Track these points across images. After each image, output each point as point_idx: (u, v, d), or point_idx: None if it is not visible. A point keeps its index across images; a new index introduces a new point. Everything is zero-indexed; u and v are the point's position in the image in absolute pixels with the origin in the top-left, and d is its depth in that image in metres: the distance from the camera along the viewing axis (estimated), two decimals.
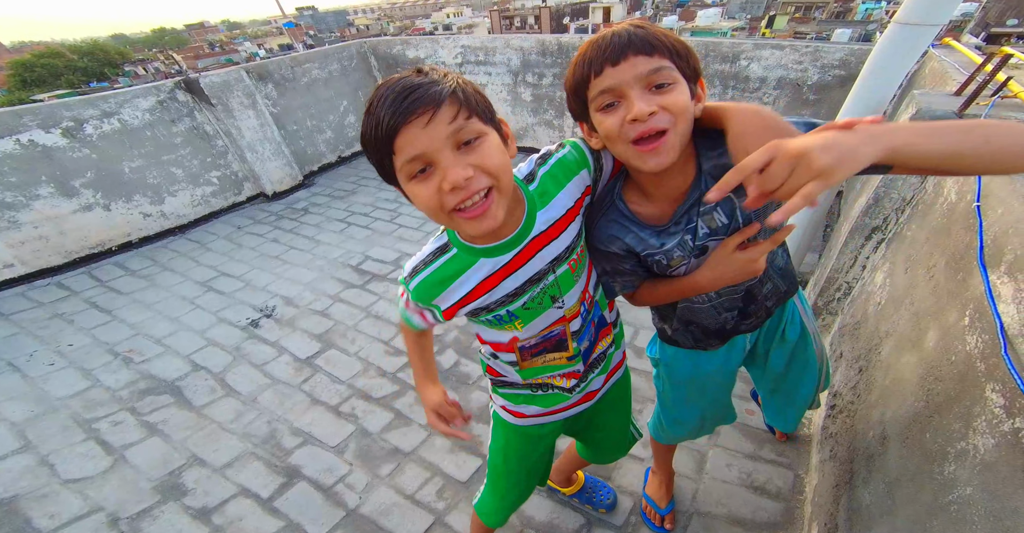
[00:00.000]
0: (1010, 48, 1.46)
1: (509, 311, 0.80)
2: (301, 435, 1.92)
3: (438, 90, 0.57)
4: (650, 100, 0.63)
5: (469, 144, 0.60)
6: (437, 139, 0.57)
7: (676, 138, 0.65)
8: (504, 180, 0.63)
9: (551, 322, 0.85)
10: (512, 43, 4.10)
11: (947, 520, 0.73)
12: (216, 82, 3.52)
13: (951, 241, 1.09)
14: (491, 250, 0.75)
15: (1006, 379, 0.68)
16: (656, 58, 0.63)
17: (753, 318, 0.97)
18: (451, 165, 0.58)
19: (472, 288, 0.77)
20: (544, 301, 0.82)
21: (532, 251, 0.76)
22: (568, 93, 0.73)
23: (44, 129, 2.97)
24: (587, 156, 0.80)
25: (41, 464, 1.87)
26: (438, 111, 0.56)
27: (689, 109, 0.66)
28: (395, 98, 0.56)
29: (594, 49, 0.65)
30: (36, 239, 3.07)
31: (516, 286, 0.78)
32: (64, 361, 2.42)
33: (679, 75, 0.65)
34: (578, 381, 0.96)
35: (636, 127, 0.63)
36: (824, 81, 2.96)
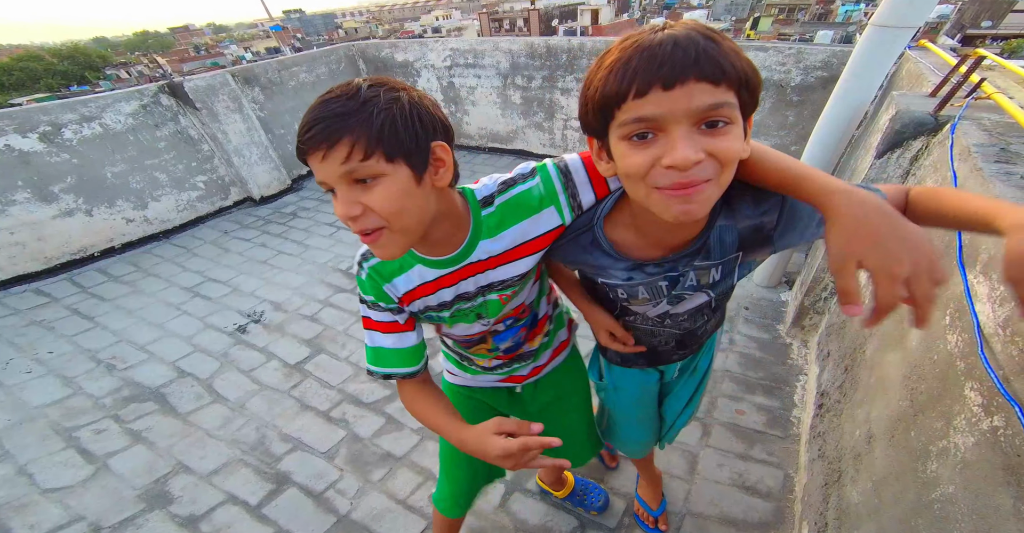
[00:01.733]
0: (984, 50, 1.50)
1: (440, 316, 0.82)
2: (291, 441, 1.89)
3: (340, 128, 0.54)
4: (697, 144, 0.48)
5: (365, 183, 0.57)
6: (332, 173, 0.57)
7: (716, 191, 0.52)
8: (398, 223, 0.60)
9: (473, 332, 0.88)
10: (501, 46, 4.10)
11: (931, 518, 0.74)
12: (201, 86, 3.48)
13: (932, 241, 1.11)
14: (426, 260, 0.75)
15: (984, 378, 0.69)
16: (722, 89, 0.48)
17: (688, 349, 0.95)
18: (342, 199, 0.58)
19: (410, 289, 0.77)
20: (469, 316, 0.83)
21: (464, 275, 0.76)
22: (588, 103, 0.54)
23: (21, 133, 2.90)
24: (557, 193, 0.71)
25: (19, 473, 1.83)
26: (331, 151, 0.55)
27: (739, 158, 0.52)
28: (304, 125, 0.56)
29: (644, 58, 0.47)
30: (12, 245, 3.00)
31: (444, 300, 0.79)
32: (43, 369, 2.36)
33: (739, 114, 0.50)
34: (501, 363, 0.98)
35: (670, 176, 0.49)
36: (807, 82, 3.00)
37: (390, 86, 0.58)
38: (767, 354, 2.10)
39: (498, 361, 0.97)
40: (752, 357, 2.10)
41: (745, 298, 2.45)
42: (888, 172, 1.55)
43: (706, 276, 0.69)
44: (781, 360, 2.06)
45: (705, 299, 0.75)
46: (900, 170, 1.53)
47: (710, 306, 0.80)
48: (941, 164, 1.22)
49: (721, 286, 0.73)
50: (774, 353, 2.11)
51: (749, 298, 2.44)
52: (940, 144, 1.31)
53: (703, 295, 0.74)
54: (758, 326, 2.26)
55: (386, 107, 0.56)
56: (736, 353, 2.12)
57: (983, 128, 1.20)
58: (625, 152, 0.52)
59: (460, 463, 1.14)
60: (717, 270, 0.68)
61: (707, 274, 0.69)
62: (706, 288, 0.72)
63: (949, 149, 1.16)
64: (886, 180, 1.57)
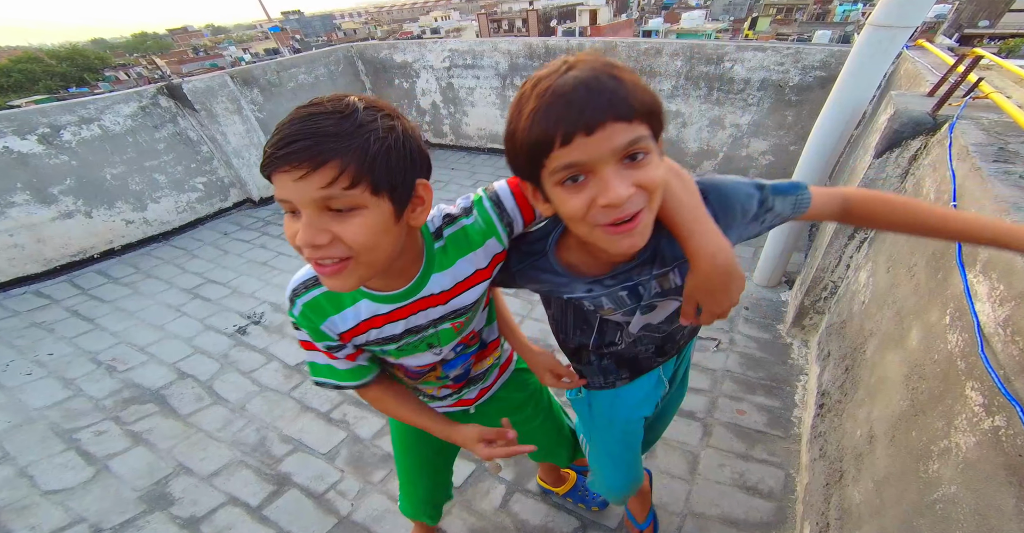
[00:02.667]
0: (981, 50, 1.50)
1: (384, 350, 0.79)
2: (291, 442, 1.89)
3: (330, 149, 0.50)
4: (625, 179, 0.52)
5: (340, 212, 0.53)
6: (304, 196, 0.51)
7: (650, 216, 0.56)
8: (367, 257, 0.57)
9: (424, 363, 0.85)
10: (500, 46, 4.11)
11: (933, 518, 0.74)
12: (200, 88, 3.48)
13: (931, 241, 1.11)
14: (373, 296, 0.71)
15: (984, 377, 0.69)
16: (635, 125, 0.51)
17: (666, 355, 0.94)
18: (309, 225, 0.53)
19: (351, 327, 0.73)
20: (420, 347, 0.80)
21: (416, 309, 0.73)
22: (516, 151, 0.55)
23: (19, 135, 2.90)
24: (495, 224, 0.72)
25: (20, 475, 1.82)
26: (313, 173, 0.50)
27: (662, 183, 0.56)
28: (281, 137, 0.50)
29: (562, 106, 0.49)
30: (11, 247, 3.00)
31: (392, 333, 0.75)
32: (43, 370, 2.36)
33: (653, 143, 0.53)
34: (450, 392, 0.97)
35: (609, 213, 0.53)
36: (805, 82, 3.01)
37: (387, 112, 0.55)
38: (767, 354, 2.11)
39: (447, 389, 0.95)
40: (752, 357, 2.10)
41: (745, 298, 2.45)
42: (887, 172, 1.55)
43: (667, 281, 0.71)
44: (781, 360, 2.07)
45: (677, 304, 0.75)
46: (899, 170, 1.53)
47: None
48: (940, 163, 1.23)
49: (675, 292, 0.74)
50: (774, 353, 2.11)
51: (749, 298, 2.44)
52: (939, 144, 1.31)
53: (674, 302, 0.75)
54: (758, 326, 2.27)
55: (383, 136, 0.53)
56: (736, 353, 2.12)
57: (981, 127, 1.20)
58: (563, 197, 0.55)
59: (418, 473, 1.18)
60: (676, 274, 0.70)
61: (667, 280, 0.71)
62: (671, 294, 0.73)
63: (948, 148, 1.16)
64: (885, 180, 1.57)
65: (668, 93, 3.51)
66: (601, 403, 1.01)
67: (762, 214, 0.68)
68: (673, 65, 3.39)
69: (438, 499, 1.28)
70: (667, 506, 1.55)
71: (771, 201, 0.67)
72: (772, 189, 0.67)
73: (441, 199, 3.96)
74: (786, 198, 0.68)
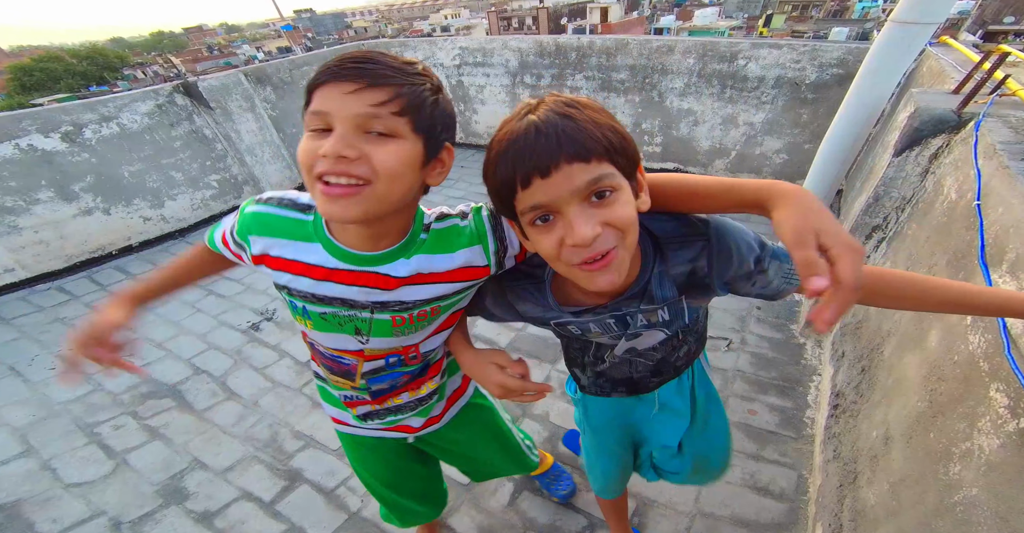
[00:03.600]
0: (1008, 46, 1.47)
1: (306, 308, 0.73)
2: (303, 438, 1.91)
3: (391, 76, 0.53)
4: (591, 218, 0.52)
5: (377, 135, 0.54)
6: (345, 110, 0.52)
7: (625, 253, 0.56)
8: (384, 187, 0.56)
9: (345, 348, 0.78)
10: (510, 44, 4.10)
11: (953, 521, 0.72)
12: (215, 86, 3.53)
13: (952, 240, 1.09)
14: (333, 246, 0.67)
15: (1010, 379, 0.68)
16: (595, 164, 0.51)
17: (664, 376, 0.91)
18: (342, 138, 0.53)
19: (293, 259, 0.69)
20: (346, 326, 0.74)
21: (360, 281, 0.69)
22: (490, 192, 0.58)
23: (43, 133, 2.97)
24: (487, 235, 0.70)
25: (43, 469, 1.87)
26: (368, 89, 0.52)
27: (636, 219, 0.55)
28: (348, 56, 0.54)
29: (516, 150, 0.52)
30: (37, 243, 3.07)
31: (324, 294, 0.70)
32: (65, 365, 2.41)
33: (621, 180, 0.53)
34: (369, 413, 0.91)
35: (579, 253, 0.53)
36: (822, 80, 2.96)
37: (436, 78, 0.60)
38: (780, 354, 2.08)
39: (366, 406, 0.89)
40: (764, 357, 2.07)
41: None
42: (907, 170, 1.52)
43: (654, 316, 0.70)
44: (794, 360, 2.04)
45: (663, 336, 0.76)
46: (919, 168, 1.50)
47: (677, 339, 0.80)
48: (963, 162, 1.20)
49: (674, 326, 0.72)
50: (787, 353, 2.08)
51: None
52: (963, 142, 1.28)
53: (659, 333, 0.75)
54: (771, 326, 2.24)
55: (434, 87, 0.58)
56: (748, 353, 2.10)
57: (1009, 125, 1.18)
58: (535, 237, 0.56)
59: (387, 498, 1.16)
60: (664, 311, 0.69)
61: (655, 314, 0.70)
62: (658, 326, 0.72)
63: (973, 147, 1.13)
64: (904, 179, 1.55)
65: (680, 91, 3.48)
66: (597, 408, 1.01)
67: (755, 275, 0.65)
68: (685, 63, 3.36)
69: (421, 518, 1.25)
70: (676, 506, 1.55)
71: (767, 262, 0.65)
72: (773, 251, 0.66)
73: (449, 197, 3.98)
74: (781, 265, 0.66)
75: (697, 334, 0.88)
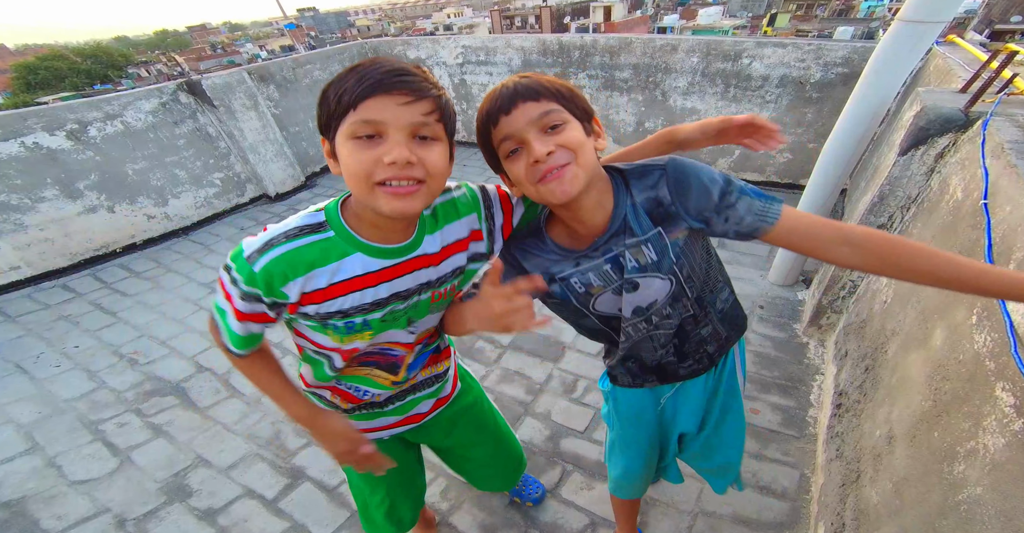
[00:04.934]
0: (1016, 45, 1.46)
1: (366, 321, 0.75)
2: (305, 436, 1.92)
3: (428, 88, 0.61)
4: (546, 141, 0.66)
5: (424, 140, 0.62)
6: (403, 119, 0.59)
7: (578, 169, 0.67)
8: (435, 184, 0.65)
9: (396, 341, 0.84)
10: (513, 43, 4.09)
11: (957, 520, 0.72)
12: (218, 84, 3.53)
13: (958, 239, 1.09)
14: (372, 248, 0.70)
15: (1016, 378, 0.67)
16: (543, 102, 0.67)
17: (692, 361, 0.92)
18: (402, 145, 0.60)
19: (341, 281, 0.69)
20: (401, 321, 0.79)
21: (409, 268, 0.74)
22: (480, 147, 0.75)
23: (48, 132, 2.98)
24: (479, 202, 0.81)
25: (48, 466, 1.88)
26: (419, 102, 0.60)
27: (585, 143, 0.68)
28: (389, 69, 0.59)
29: (489, 102, 0.70)
30: (41, 241, 3.09)
31: (383, 296, 0.73)
32: (70, 363, 2.43)
33: (569, 115, 0.68)
34: (391, 397, 0.94)
35: (539, 168, 0.66)
36: (827, 79, 2.95)
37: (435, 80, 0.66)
38: (783, 353, 2.08)
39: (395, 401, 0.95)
40: (767, 356, 2.07)
41: (760, 297, 2.42)
42: (912, 169, 1.52)
43: (642, 255, 0.75)
44: (797, 359, 2.04)
45: (662, 283, 0.78)
46: (924, 167, 1.49)
47: (687, 300, 0.82)
48: (970, 161, 1.20)
49: (664, 267, 0.76)
50: (790, 352, 2.08)
51: (764, 297, 2.41)
52: (969, 141, 1.27)
53: (657, 279, 0.77)
54: (774, 325, 2.23)
55: (446, 95, 0.66)
56: (751, 352, 2.10)
57: (1017, 124, 1.17)
58: (510, 167, 0.71)
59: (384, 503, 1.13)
60: (649, 248, 0.75)
61: (641, 253, 0.75)
62: (651, 270, 0.76)
63: (980, 146, 1.13)
64: (909, 178, 1.54)
65: (683, 90, 3.47)
66: (627, 400, 1.04)
67: (723, 208, 0.71)
68: (689, 62, 3.35)
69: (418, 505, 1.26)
70: (678, 505, 1.55)
71: (734, 197, 0.70)
72: (740, 187, 0.71)
73: None
74: (752, 202, 0.70)
75: (720, 312, 0.90)
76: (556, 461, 1.72)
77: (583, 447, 1.76)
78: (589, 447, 1.76)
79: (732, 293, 0.92)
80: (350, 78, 0.59)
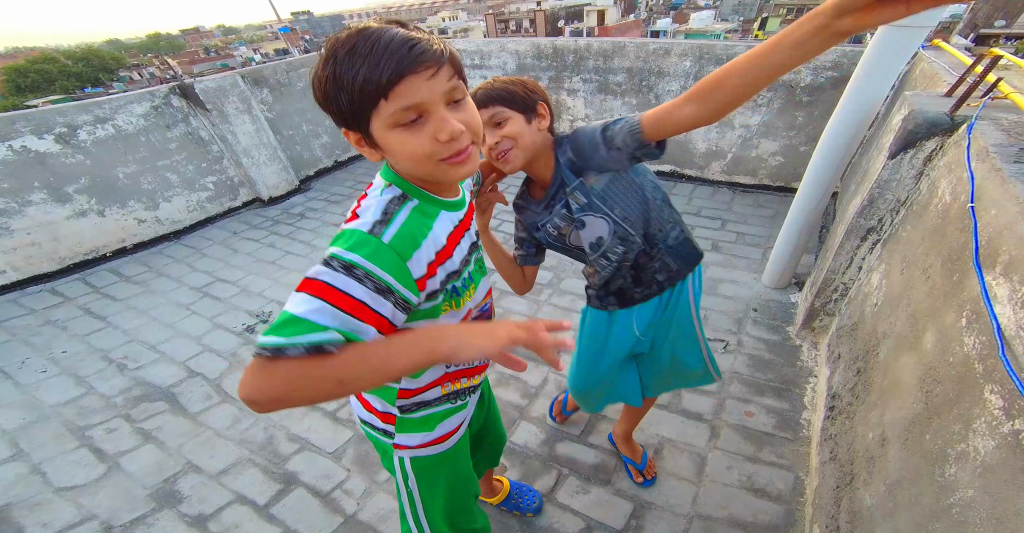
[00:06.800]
0: (1000, 50, 1.48)
1: (469, 274, 0.78)
2: (298, 441, 1.90)
3: (439, 50, 0.58)
4: (494, 133, 0.91)
5: (458, 103, 0.62)
6: (437, 92, 0.58)
7: (519, 151, 0.93)
8: (479, 141, 0.67)
9: (486, 291, 0.88)
10: (507, 46, 4.11)
11: (949, 523, 0.72)
12: (211, 87, 3.51)
13: (946, 242, 1.10)
14: (449, 204, 0.73)
15: (1005, 381, 0.68)
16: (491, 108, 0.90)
17: (644, 287, 1.15)
18: (448, 116, 0.59)
19: (445, 242, 0.69)
20: (482, 267, 0.86)
21: (470, 217, 0.80)
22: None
23: (37, 135, 2.95)
24: None
25: (33, 472, 1.85)
26: (441, 69, 0.58)
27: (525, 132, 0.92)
28: (398, 45, 0.54)
29: None
30: (28, 245, 3.05)
31: (468, 247, 0.77)
32: (57, 368, 2.39)
33: (511, 112, 0.91)
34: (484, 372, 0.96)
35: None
36: (817, 83, 2.98)
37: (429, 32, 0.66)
38: (776, 356, 2.09)
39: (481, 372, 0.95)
40: (761, 359, 2.08)
41: (754, 299, 2.43)
42: (901, 172, 1.53)
43: (578, 199, 0.99)
44: (790, 362, 2.04)
45: (602, 221, 1.01)
46: (914, 170, 1.51)
47: (634, 238, 1.04)
48: (956, 165, 1.21)
49: (594, 206, 0.99)
50: (783, 355, 2.09)
51: (758, 299, 2.42)
52: (956, 144, 1.29)
53: (596, 218, 1.00)
54: (767, 328, 2.24)
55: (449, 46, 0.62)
56: (745, 355, 2.10)
57: (1001, 128, 1.18)
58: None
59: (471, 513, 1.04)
60: (579, 194, 0.99)
61: (577, 198, 0.99)
62: (588, 209, 1.00)
63: (966, 149, 1.14)
64: (899, 181, 1.55)
65: (677, 93, 3.49)
66: (591, 318, 1.28)
67: (607, 141, 0.92)
68: (682, 65, 3.38)
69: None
70: (674, 508, 1.54)
71: (610, 130, 0.92)
72: (609, 128, 0.92)
73: None
74: (618, 124, 0.91)
75: (670, 248, 1.11)
76: (552, 465, 1.72)
77: (579, 451, 1.76)
78: (585, 451, 1.76)
79: (683, 232, 1.12)
80: (358, 64, 0.54)
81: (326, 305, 0.53)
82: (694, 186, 3.75)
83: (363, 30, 0.56)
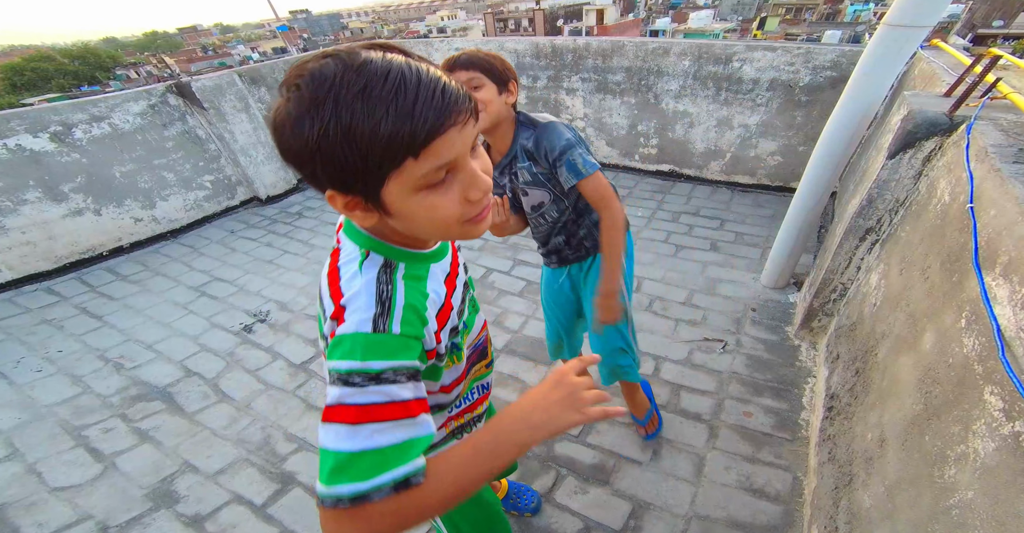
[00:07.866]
0: (999, 50, 1.47)
1: (464, 321, 0.71)
2: (296, 441, 1.89)
3: (465, 93, 0.48)
4: None
5: (474, 149, 0.53)
6: (468, 144, 0.49)
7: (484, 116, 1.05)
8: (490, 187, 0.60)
9: (480, 327, 0.82)
10: (506, 46, 4.10)
11: (949, 524, 0.72)
12: (208, 86, 3.50)
13: (945, 242, 1.10)
14: (433, 255, 0.64)
15: (1005, 382, 0.68)
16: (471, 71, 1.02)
17: (573, 249, 1.36)
18: (475, 172, 0.51)
19: (444, 297, 0.64)
20: (475, 304, 0.80)
21: (456, 257, 0.73)
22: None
23: (32, 133, 2.93)
24: None
25: (29, 472, 1.84)
26: (470, 119, 0.48)
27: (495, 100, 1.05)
28: (430, 90, 0.44)
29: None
30: (24, 244, 3.03)
31: (462, 294, 0.72)
32: (53, 367, 2.38)
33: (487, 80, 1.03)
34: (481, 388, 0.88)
35: None
36: (816, 82, 2.98)
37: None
38: (775, 356, 2.09)
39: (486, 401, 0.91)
40: (759, 359, 2.08)
41: (753, 299, 2.43)
42: (900, 172, 1.53)
43: (525, 175, 1.18)
44: (789, 362, 2.04)
45: (543, 192, 1.22)
46: (912, 171, 1.51)
47: (559, 208, 1.26)
48: (955, 165, 1.21)
49: (537, 183, 1.20)
50: (782, 355, 2.09)
51: (757, 299, 2.42)
52: (955, 145, 1.29)
53: (538, 190, 1.21)
54: (766, 328, 2.24)
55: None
56: (743, 355, 2.10)
57: (1000, 128, 1.18)
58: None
59: None
60: (524, 173, 1.18)
61: (525, 174, 1.18)
62: (529, 184, 1.20)
63: (965, 150, 1.14)
64: (898, 181, 1.55)
65: (675, 93, 3.49)
66: (545, 275, 1.55)
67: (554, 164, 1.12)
68: (681, 65, 3.37)
69: None
70: (672, 508, 1.54)
71: (561, 162, 1.11)
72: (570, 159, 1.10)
73: None
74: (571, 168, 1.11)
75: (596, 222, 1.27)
76: (550, 465, 1.71)
77: (578, 451, 1.76)
78: (583, 451, 1.75)
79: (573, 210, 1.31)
80: (379, 113, 0.42)
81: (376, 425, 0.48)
82: (693, 186, 3.75)
83: (367, 65, 0.43)
